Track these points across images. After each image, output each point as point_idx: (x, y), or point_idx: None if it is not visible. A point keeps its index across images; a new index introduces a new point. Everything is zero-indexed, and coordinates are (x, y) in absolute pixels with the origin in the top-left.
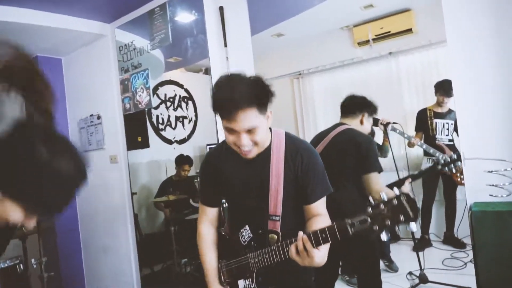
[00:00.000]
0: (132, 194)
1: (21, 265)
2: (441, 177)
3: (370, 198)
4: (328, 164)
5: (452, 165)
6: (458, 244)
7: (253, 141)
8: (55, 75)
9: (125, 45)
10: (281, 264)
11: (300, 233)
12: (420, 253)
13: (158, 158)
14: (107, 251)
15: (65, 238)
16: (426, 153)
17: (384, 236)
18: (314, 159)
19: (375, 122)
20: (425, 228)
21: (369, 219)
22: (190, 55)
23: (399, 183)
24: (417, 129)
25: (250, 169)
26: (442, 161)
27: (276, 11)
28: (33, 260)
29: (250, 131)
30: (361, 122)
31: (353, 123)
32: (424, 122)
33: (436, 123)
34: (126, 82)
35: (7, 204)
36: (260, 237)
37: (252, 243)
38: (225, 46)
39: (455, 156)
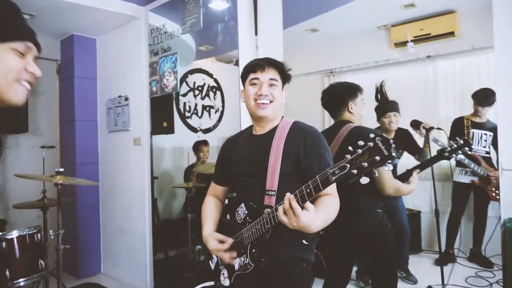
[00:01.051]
0: (154, 178)
1: (39, 234)
2: (473, 191)
3: (350, 147)
4: None
5: (460, 151)
6: (484, 262)
7: (271, 94)
8: (89, 55)
9: (157, 28)
10: (274, 236)
11: (287, 194)
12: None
13: (182, 145)
14: (123, 231)
15: (85, 214)
16: (459, 164)
17: (363, 180)
18: (318, 141)
19: (417, 125)
20: (450, 242)
21: (348, 165)
22: (220, 43)
23: (407, 174)
24: (452, 138)
25: (255, 146)
26: (449, 148)
27: (312, 4)
28: (51, 231)
29: (271, 84)
30: (349, 112)
31: (345, 117)
32: (460, 131)
33: (473, 133)
34: (154, 65)
35: None
36: (254, 212)
37: (247, 218)
38: (256, 34)
39: (461, 141)
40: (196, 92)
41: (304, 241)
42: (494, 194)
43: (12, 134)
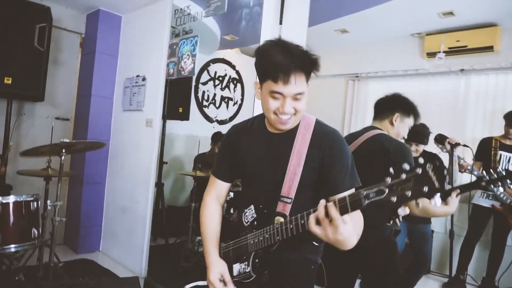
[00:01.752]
0: (163, 162)
1: (35, 203)
2: (493, 216)
3: (391, 169)
4: None
5: (500, 183)
6: None
7: (295, 108)
8: (113, 31)
9: (181, 9)
10: (281, 250)
11: (323, 201)
12: None
13: (196, 134)
14: (125, 212)
15: (90, 190)
16: None
17: (401, 211)
18: (343, 147)
19: (442, 140)
20: (462, 267)
21: (386, 190)
22: (245, 31)
23: (445, 194)
24: (477, 158)
25: (271, 145)
26: (487, 178)
27: (342, 2)
28: (49, 202)
29: (295, 98)
30: (391, 123)
31: (383, 125)
32: (487, 152)
33: (500, 155)
34: (174, 47)
35: None
36: (264, 217)
37: (255, 223)
38: (280, 23)
39: (503, 172)
40: (217, 82)
41: (314, 242)
42: None
43: (28, 102)
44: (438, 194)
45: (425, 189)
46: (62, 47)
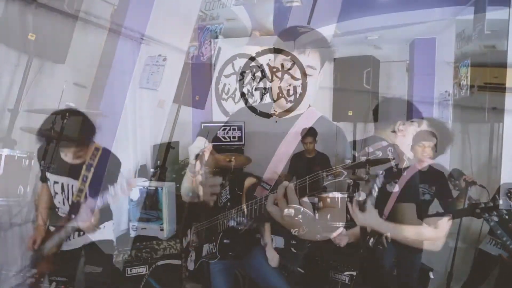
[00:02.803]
0: (170, 147)
1: (27, 160)
2: (500, 266)
3: (355, 153)
4: None
5: (495, 213)
6: None
7: (302, 85)
8: (145, 7)
9: None
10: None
11: (285, 182)
12: None
13: (209, 125)
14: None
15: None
16: (491, 232)
17: (359, 195)
18: (347, 144)
19: (458, 176)
20: None
21: (345, 172)
22: (273, 27)
23: (435, 218)
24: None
25: (269, 131)
26: (483, 204)
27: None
28: (42, 162)
29: (304, 73)
30: (394, 131)
31: (386, 134)
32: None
33: None
34: (198, 31)
35: None
36: (237, 199)
37: (228, 204)
38: (308, 23)
39: (500, 201)
40: (239, 77)
41: (292, 248)
42: None
43: (49, 63)
44: (396, 180)
45: (381, 172)
46: (93, 15)
